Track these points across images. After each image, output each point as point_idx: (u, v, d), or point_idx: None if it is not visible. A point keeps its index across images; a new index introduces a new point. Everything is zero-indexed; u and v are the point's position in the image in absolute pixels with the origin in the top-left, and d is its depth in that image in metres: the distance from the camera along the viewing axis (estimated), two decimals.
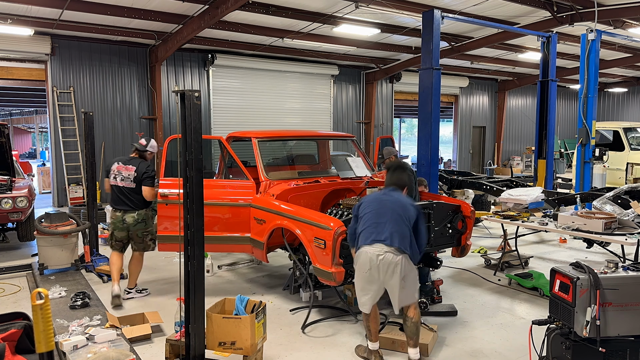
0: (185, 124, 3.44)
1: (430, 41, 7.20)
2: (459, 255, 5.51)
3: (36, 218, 6.52)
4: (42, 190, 14.60)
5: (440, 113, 7.53)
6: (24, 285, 6.05)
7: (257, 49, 12.83)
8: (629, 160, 11.77)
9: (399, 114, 20.75)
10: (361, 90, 16.34)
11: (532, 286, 5.75)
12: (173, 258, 7.21)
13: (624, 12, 9.75)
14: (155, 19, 9.88)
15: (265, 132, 6.59)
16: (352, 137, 6.75)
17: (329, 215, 4.58)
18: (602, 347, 3.06)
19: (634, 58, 15.29)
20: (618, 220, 5.46)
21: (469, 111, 19.45)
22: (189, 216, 3.50)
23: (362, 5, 9.37)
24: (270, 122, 14.16)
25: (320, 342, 4.44)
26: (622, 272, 3.24)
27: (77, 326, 4.39)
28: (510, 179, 9.88)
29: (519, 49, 14.00)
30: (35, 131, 35.61)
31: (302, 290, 5.36)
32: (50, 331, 2.27)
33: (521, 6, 9.79)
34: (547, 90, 9.55)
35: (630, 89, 21.67)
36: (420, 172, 7.41)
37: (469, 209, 5.33)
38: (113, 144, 12.20)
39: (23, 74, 11.31)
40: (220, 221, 5.46)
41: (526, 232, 7.36)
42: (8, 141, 8.54)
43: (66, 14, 9.64)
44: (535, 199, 6.56)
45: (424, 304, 5.02)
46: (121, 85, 12.24)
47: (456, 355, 4.19)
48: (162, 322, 4.70)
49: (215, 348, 3.73)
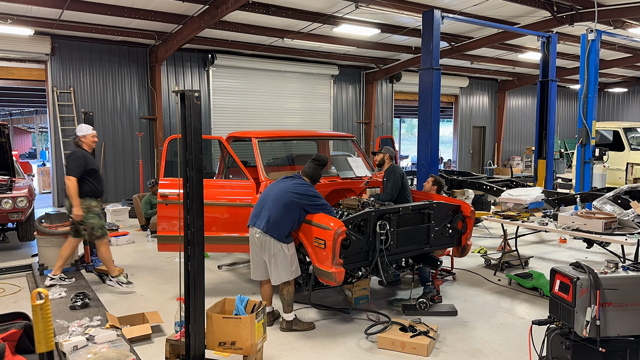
0: (185, 124, 3.44)
1: (430, 41, 7.20)
2: (459, 255, 5.51)
3: (36, 218, 6.52)
4: (42, 190, 14.60)
5: (440, 113, 7.53)
6: (24, 286, 6.05)
7: (257, 49, 12.84)
8: (629, 161, 11.76)
9: (399, 114, 20.76)
10: (361, 90, 16.34)
11: (532, 286, 5.75)
12: (173, 258, 7.21)
13: (624, 12, 9.76)
14: (155, 19, 9.89)
15: (265, 132, 6.58)
16: (352, 137, 6.75)
17: (329, 216, 4.57)
18: (602, 347, 3.06)
19: (634, 58, 15.30)
20: (618, 220, 5.46)
21: (469, 111, 19.45)
22: (189, 216, 3.50)
23: (362, 5, 9.37)
24: (270, 122, 14.17)
25: (320, 342, 4.44)
26: (622, 272, 3.24)
27: (77, 326, 4.39)
28: (510, 179, 9.87)
29: (519, 49, 14.00)
30: (35, 131, 35.61)
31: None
32: (50, 331, 2.27)
33: (521, 6, 9.79)
34: (547, 90, 9.55)
35: (630, 89, 21.67)
36: (420, 172, 7.42)
37: (469, 209, 5.33)
38: (113, 144, 12.20)
39: (23, 74, 11.32)
40: (220, 221, 5.46)
41: (526, 232, 7.36)
42: (8, 141, 8.54)
43: (66, 14, 9.65)
44: (535, 199, 6.56)
45: (424, 304, 5.02)
46: (121, 85, 12.25)
47: (456, 355, 4.19)
48: (162, 322, 4.70)
49: (215, 348, 3.73)
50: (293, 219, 4.52)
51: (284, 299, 4.62)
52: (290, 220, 4.51)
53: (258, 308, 3.87)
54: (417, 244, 4.99)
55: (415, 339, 4.20)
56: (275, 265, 4.51)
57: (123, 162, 12.40)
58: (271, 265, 4.53)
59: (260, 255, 4.59)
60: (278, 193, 4.57)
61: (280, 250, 4.49)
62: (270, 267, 4.55)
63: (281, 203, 4.51)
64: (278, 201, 4.52)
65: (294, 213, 4.51)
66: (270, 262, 4.52)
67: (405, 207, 4.88)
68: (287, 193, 4.54)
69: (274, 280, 4.57)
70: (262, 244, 4.52)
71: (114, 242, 8.16)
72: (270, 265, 4.54)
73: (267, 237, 4.48)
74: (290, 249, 4.54)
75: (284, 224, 4.48)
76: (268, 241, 4.48)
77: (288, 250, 4.52)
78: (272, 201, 4.54)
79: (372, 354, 4.20)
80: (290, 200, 4.51)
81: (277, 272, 4.53)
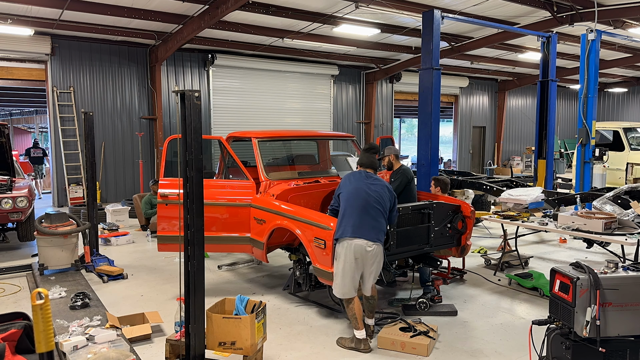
0: (185, 124, 3.44)
1: (430, 41, 7.20)
2: (459, 255, 5.52)
3: (36, 218, 6.52)
4: (42, 190, 14.60)
5: (440, 113, 7.53)
6: (24, 286, 6.05)
7: (257, 49, 12.84)
8: (629, 160, 11.76)
9: (399, 114, 20.75)
10: (361, 90, 16.34)
11: (532, 286, 5.75)
12: (173, 258, 7.21)
13: (624, 12, 9.75)
14: (155, 19, 9.89)
15: (265, 132, 6.58)
16: (352, 137, 6.75)
17: (329, 215, 4.57)
18: (602, 347, 3.06)
19: (634, 58, 15.29)
20: (618, 220, 5.46)
21: (469, 111, 19.45)
22: (189, 216, 3.50)
23: (362, 5, 9.37)
24: (270, 122, 14.17)
25: (320, 342, 4.44)
26: (622, 272, 3.24)
27: (77, 326, 4.39)
28: (510, 179, 9.86)
29: (519, 49, 14.00)
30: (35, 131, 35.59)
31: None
32: (50, 331, 2.26)
33: (521, 6, 9.79)
34: (547, 90, 9.55)
35: (630, 89, 21.67)
36: (420, 172, 7.41)
37: (469, 209, 5.33)
38: (113, 144, 12.20)
39: (23, 74, 11.32)
40: (220, 221, 5.46)
41: (526, 232, 7.36)
42: (8, 141, 8.54)
43: (66, 14, 9.64)
44: (535, 199, 6.56)
45: (424, 304, 5.02)
46: (121, 85, 12.25)
47: (456, 355, 4.19)
48: (162, 322, 4.70)
49: (215, 348, 3.73)
50: (385, 217, 4.32)
51: (376, 302, 4.46)
52: (385, 221, 4.32)
53: (258, 308, 3.87)
54: (417, 244, 4.99)
55: (415, 339, 4.20)
56: (376, 275, 4.29)
57: (123, 162, 12.39)
58: (372, 275, 4.26)
59: (362, 269, 4.19)
60: (370, 195, 4.24)
61: (382, 257, 4.30)
62: (370, 278, 4.26)
63: (379, 206, 4.24)
64: (375, 204, 4.22)
65: (385, 212, 4.32)
66: (372, 272, 4.24)
67: (405, 207, 4.88)
68: (380, 194, 4.27)
69: (371, 290, 4.33)
70: (375, 255, 4.17)
71: (114, 242, 8.17)
72: (371, 276, 4.25)
73: (379, 246, 4.20)
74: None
75: (383, 227, 4.29)
76: (380, 251, 4.22)
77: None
78: (368, 206, 4.20)
79: (372, 353, 4.20)
80: (385, 201, 4.28)
81: (373, 281, 4.32)
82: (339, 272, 4.16)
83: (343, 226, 4.18)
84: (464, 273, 6.27)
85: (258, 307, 3.89)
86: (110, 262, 6.69)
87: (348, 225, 4.15)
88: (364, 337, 4.21)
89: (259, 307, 3.87)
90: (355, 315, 4.20)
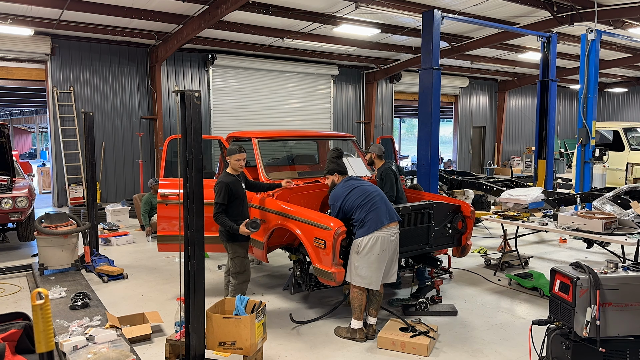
0: (185, 124, 3.44)
1: (430, 41, 7.19)
2: (459, 255, 5.51)
3: (36, 218, 6.52)
4: (42, 190, 14.60)
5: (440, 113, 7.53)
6: (24, 286, 6.05)
7: (257, 49, 12.84)
8: (629, 160, 11.76)
9: (399, 114, 20.76)
10: (361, 90, 16.34)
11: (532, 286, 5.75)
12: (173, 258, 7.21)
13: (624, 12, 9.75)
14: (155, 19, 9.89)
15: (265, 132, 6.58)
16: (352, 137, 6.75)
17: (329, 215, 4.57)
18: (602, 347, 3.06)
19: (634, 58, 15.29)
20: (618, 220, 5.46)
21: (469, 111, 19.45)
22: (189, 216, 3.50)
23: (362, 5, 9.37)
24: (270, 122, 14.17)
25: (320, 341, 4.44)
26: (622, 272, 3.24)
27: (77, 326, 4.39)
28: (510, 179, 9.87)
29: (519, 49, 14.00)
30: (35, 131, 35.60)
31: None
32: (50, 331, 2.26)
33: (521, 6, 9.79)
34: (547, 90, 9.55)
35: (630, 89, 21.67)
36: (420, 172, 7.41)
37: (469, 209, 5.33)
38: (113, 144, 12.20)
39: (23, 74, 11.32)
40: None
41: (526, 232, 7.36)
42: (8, 141, 8.54)
43: (66, 14, 9.64)
44: (535, 199, 6.56)
45: (424, 304, 5.02)
46: (121, 85, 12.25)
47: (456, 355, 4.19)
48: (162, 322, 4.70)
49: (215, 348, 3.73)
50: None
51: (381, 299, 4.58)
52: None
53: (258, 308, 3.87)
54: (417, 244, 4.99)
55: (415, 339, 4.20)
56: (397, 260, 4.46)
57: (123, 162, 12.39)
58: (394, 262, 4.41)
59: (387, 257, 4.34)
60: (372, 186, 4.56)
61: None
62: (394, 265, 4.42)
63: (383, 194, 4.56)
64: (381, 193, 4.53)
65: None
66: (394, 258, 4.41)
67: (405, 207, 4.88)
68: (375, 187, 4.58)
69: (395, 277, 4.45)
70: (397, 242, 4.40)
71: (114, 242, 8.17)
72: (394, 262, 4.41)
73: (398, 228, 4.46)
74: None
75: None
76: (398, 234, 4.45)
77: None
78: (380, 194, 4.50)
79: (372, 354, 4.20)
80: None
81: (396, 266, 4.46)
82: (363, 265, 4.26)
83: (368, 222, 4.29)
84: (450, 273, 6.26)
85: (258, 307, 3.89)
86: (110, 262, 6.69)
87: (373, 220, 4.29)
88: (359, 327, 4.41)
89: (259, 307, 3.87)
90: (360, 306, 4.37)
